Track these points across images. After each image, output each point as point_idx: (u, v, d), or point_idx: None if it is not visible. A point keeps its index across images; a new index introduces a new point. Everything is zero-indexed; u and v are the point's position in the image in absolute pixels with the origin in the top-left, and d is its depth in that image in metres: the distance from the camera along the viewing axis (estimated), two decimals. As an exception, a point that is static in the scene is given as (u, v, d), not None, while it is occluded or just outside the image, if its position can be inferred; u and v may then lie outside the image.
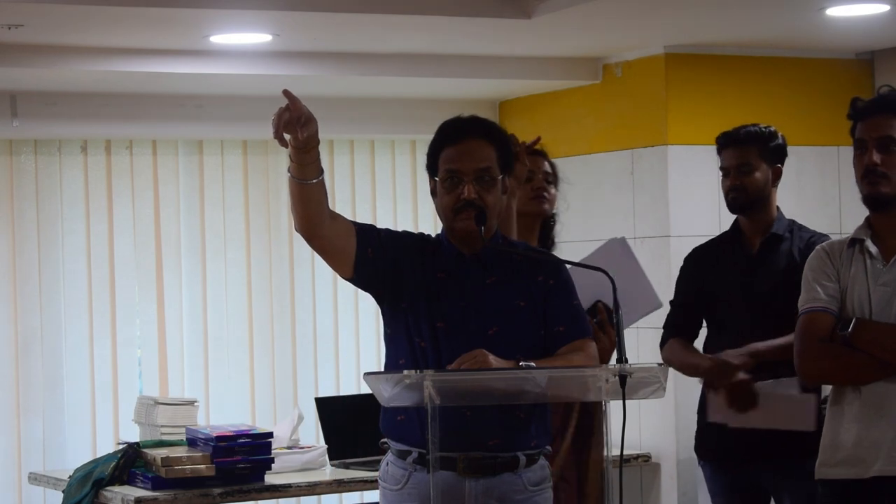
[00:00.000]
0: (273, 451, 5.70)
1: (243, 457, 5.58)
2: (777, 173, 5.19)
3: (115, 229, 7.40)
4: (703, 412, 5.30)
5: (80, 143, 7.35)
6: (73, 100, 7.08)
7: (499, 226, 4.15)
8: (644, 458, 6.77)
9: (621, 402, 3.53)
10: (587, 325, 4.02)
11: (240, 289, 7.61)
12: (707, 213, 6.50)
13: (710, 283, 5.18)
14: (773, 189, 5.20)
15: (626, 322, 4.49)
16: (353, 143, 7.85)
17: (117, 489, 5.54)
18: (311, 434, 7.12)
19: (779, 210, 5.22)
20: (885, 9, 6.06)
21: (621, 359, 3.64)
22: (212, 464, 5.53)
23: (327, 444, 6.09)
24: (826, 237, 5.15)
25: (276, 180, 7.69)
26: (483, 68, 6.99)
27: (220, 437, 5.55)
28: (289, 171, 3.85)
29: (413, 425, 3.84)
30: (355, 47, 6.62)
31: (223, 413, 7.37)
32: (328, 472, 5.96)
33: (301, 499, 7.10)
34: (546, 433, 3.97)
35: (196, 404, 6.12)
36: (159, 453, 5.54)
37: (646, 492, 6.88)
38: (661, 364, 3.60)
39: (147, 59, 6.45)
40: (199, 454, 5.55)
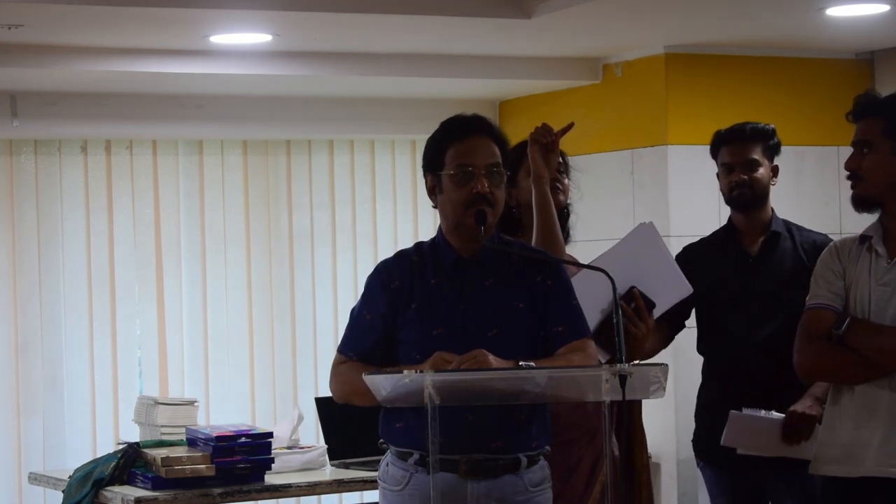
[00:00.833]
0: (273, 451, 5.70)
1: (243, 457, 5.58)
2: (776, 171, 5.19)
3: (115, 229, 7.40)
4: (701, 414, 5.29)
5: (80, 143, 7.35)
6: (73, 100, 7.08)
7: (540, 215, 4.18)
8: (644, 458, 6.77)
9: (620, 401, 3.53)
10: (586, 326, 4.02)
11: (240, 289, 7.62)
12: (707, 213, 6.50)
13: (706, 283, 5.10)
14: (772, 186, 5.19)
15: (658, 310, 4.49)
16: (353, 143, 7.85)
17: (117, 489, 5.54)
18: (311, 434, 7.13)
19: (772, 209, 5.20)
20: (885, 9, 6.06)
21: (621, 359, 3.64)
22: (212, 464, 5.52)
23: (327, 444, 6.09)
24: (829, 238, 5.14)
25: (275, 180, 7.70)
26: (483, 68, 6.99)
27: (220, 437, 5.55)
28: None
29: (413, 429, 3.83)
30: (355, 47, 6.62)
31: (223, 413, 7.37)
32: (328, 472, 5.96)
33: (301, 499, 7.11)
34: (546, 433, 3.97)
35: (196, 404, 6.11)
36: (159, 453, 5.53)
37: (646, 492, 6.87)
38: (661, 364, 3.59)
39: (147, 59, 6.45)
40: (199, 454, 5.55)
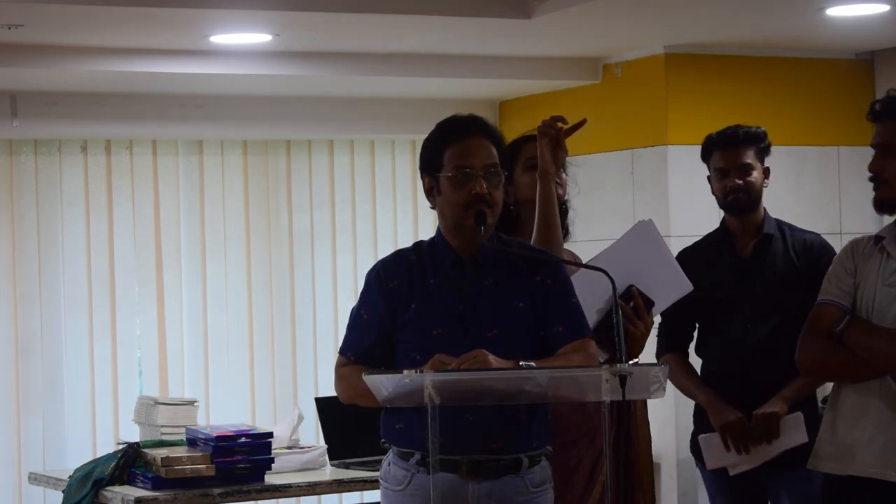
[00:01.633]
0: (273, 451, 5.70)
1: (243, 457, 5.58)
2: (767, 172, 5.19)
3: (115, 229, 7.40)
4: (699, 416, 5.29)
5: (80, 143, 7.35)
6: (73, 100, 7.08)
7: (542, 211, 4.19)
8: (644, 458, 6.76)
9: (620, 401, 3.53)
10: (586, 325, 4.01)
11: (240, 289, 7.62)
12: (707, 213, 6.48)
13: (702, 286, 5.11)
14: (764, 188, 5.20)
15: (658, 308, 4.49)
16: (353, 143, 7.85)
17: (117, 489, 5.54)
18: (311, 434, 7.12)
19: (765, 210, 5.20)
20: (885, 9, 6.05)
21: (621, 359, 3.64)
22: (212, 464, 5.52)
23: (327, 444, 6.09)
24: (820, 237, 5.16)
25: (275, 180, 7.70)
26: (483, 68, 6.99)
27: (220, 437, 5.55)
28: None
29: (414, 429, 3.83)
30: (355, 47, 6.62)
31: (223, 413, 7.37)
32: (328, 472, 5.96)
33: (301, 499, 7.11)
34: (548, 433, 3.97)
35: (196, 404, 6.11)
36: (159, 453, 5.53)
37: (646, 492, 6.87)
38: (661, 364, 3.60)
39: (147, 59, 6.45)
40: (199, 454, 5.55)
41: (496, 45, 6.65)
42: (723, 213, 5.24)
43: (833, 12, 6.07)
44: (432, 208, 4.06)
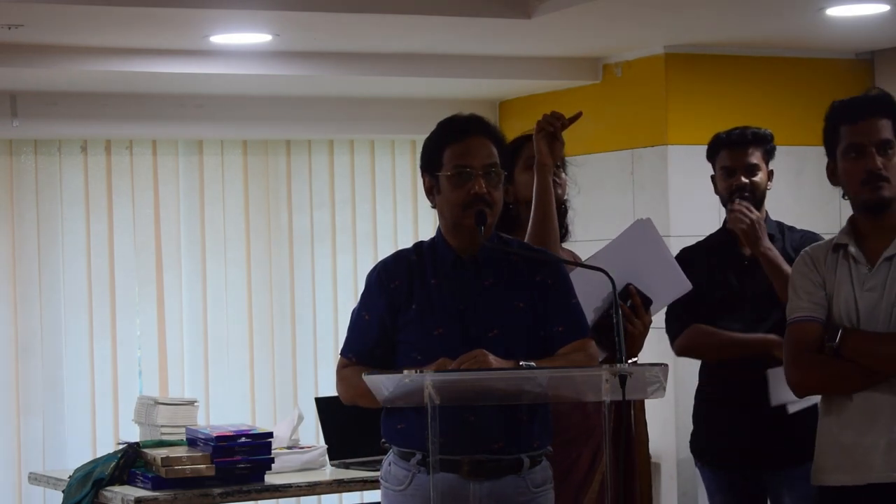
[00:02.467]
0: (273, 451, 5.70)
1: (243, 457, 5.58)
2: (771, 175, 5.21)
3: (115, 229, 7.40)
4: (698, 415, 5.29)
5: (80, 143, 7.35)
6: (73, 100, 7.08)
7: (539, 204, 4.20)
8: (644, 458, 6.76)
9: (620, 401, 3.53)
10: (586, 325, 4.01)
11: (240, 289, 7.62)
12: (707, 213, 6.49)
13: (704, 286, 5.13)
14: (767, 190, 5.21)
15: (656, 307, 4.48)
16: (353, 143, 7.85)
17: (117, 489, 5.54)
18: (311, 434, 7.12)
19: (766, 211, 5.22)
20: (885, 9, 6.06)
21: (621, 359, 3.64)
22: (212, 464, 5.52)
23: (327, 444, 6.09)
24: (817, 235, 5.16)
25: (275, 180, 7.70)
26: (483, 68, 6.99)
27: (220, 437, 5.55)
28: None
29: (415, 429, 3.83)
30: (355, 47, 6.62)
31: (223, 413, 7.37)
32: (328, 472, 5.96)
33: (301, 499, 7.10)
34: (548, 433, 3.97)
35: (196, 404, 6.11)
36: (159, 453, 5.53)
37: (646, 492, 6.87)
38: (661, 364, 3.59)
39: (147, 59, 6.45)
40: (199, 454, 5.55)
41: (496, 45, 6.65)
42: (724, 213, 5.25)
43: (833, 12, 6.07)
44: (433, 207, 4.06)
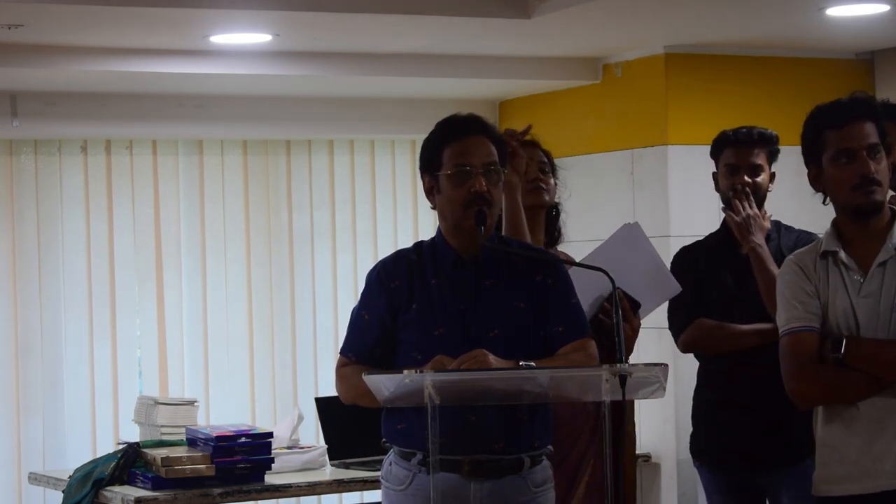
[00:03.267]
0: (273, 451, 5.70)
1: (243, 457, 5.58)
2: (773, 177, 5.23)
3: (115, 229, 7.40)
4: (698, 415, 5.30)
5: (80, 143, 7.35)
6: (73, 100, 7.08)
7: (510, 223, 4.16)
8: (644, 458, 6.77)
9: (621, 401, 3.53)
10: (586, 325, 4.02)
11: (240, 289, 7.61)
12: (707, 213, 6.49)
13: (704, 285, 5.15)
14: (769, 192, 5.22)
15: (645, 310, 4.48)
16: (353, 143, 7.85)
17: (117, 489, 5.54)
18: (311, 434, 7.12)
19: (765, 212, 5.23)
20: (885, 9, 6.06)
21: (621, 359, 3.64)
22: (212, 464, 5.53)
23: (327, 444, 6.09)
24: (813, 235, 5.16)
25: (275, 180, 7.70)
26: (483, 68, 6.99)
27: (220, 437, 5.55)
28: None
29: (415, 429, 3.83)
30: (355, 47, 6.62)
31: (223, 413, 7.37)
32: (328, 472, 5.96)
33: (301, 499, 7.10)
34: (548, 433, 3.97)
35: (196, 404, 6.11)
36: (159, 453, 5.54)
37: (646, 492, 6.88)
38: (661, 364, 3.58)
39: (147, 59, 6.45)
40: (199, 454, 5.55)
41: (496, 45, 6.65)
42: (723, 213, 5.25)
43: (833, 12, 6.07)
44: (433, 208, 4.06)
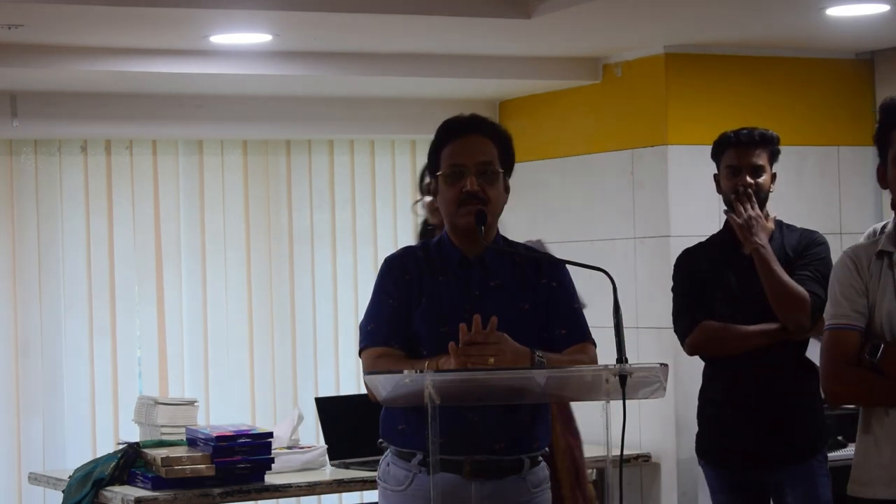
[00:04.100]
0: (273, 451, 5.70)
1: (243, 457, 5.58)
2: (774, 178, 5.25)
3: (115, 229, 7.40)
4: (703, 414, 5.30)
5: (80, 143, 7.35)
6: (73, 100, 7.07)
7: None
8: (644, 458, 6.77)
9: (621, 401, 3.52)
10: (587, 328, 4.02)
11: (240, 289, 7.61)
12: (707, 213, 6.50)
13: (707, 285, 5.16)
14: (770, 193, 5.23)
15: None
16: (353, 143, 7.85)
17: (117, 489, 5.54)
18: (311, 434, 7.12)
19: (767, 213, 5.24)
20: (885, 9, 6.05)
21: (621, 359, 3.64)
22: (212, 464, 5.53)
23: (327, 444, 6.10)
24: (815, 234, 5.17)
25: (275, 180, 7.69)
26: (483, 68, 6.98)
27: (220, 437, 5.55)
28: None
29: (416, 430, 3.83)
30: (355, 47, 6.62)
31: (223, 413, 7.37)
32: (328, 472, 5.96)
33: (301, 499, 7.10)
34: (547, 434, 3.98)
35: (196, 404, 6.12)
36: (159, 453, 5.54)
37: (646, 492, 6.88)
38: (661, 364, 3.59)
39: (147, 59, 6.45)
40: (199, 454, 5.55)
41: (496, 45, 6.65)
42: (724, 214, 5.26)
43: (833, 12, 6.07)
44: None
